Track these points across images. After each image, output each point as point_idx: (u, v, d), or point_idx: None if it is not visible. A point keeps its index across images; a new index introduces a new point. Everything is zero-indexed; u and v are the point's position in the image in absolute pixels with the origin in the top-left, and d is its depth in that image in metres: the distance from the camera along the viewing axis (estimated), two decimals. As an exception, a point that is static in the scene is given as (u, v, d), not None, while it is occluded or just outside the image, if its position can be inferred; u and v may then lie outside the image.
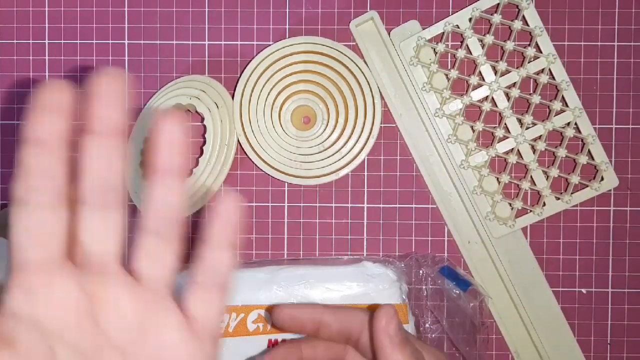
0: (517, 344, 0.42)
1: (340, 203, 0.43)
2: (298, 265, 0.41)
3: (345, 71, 0.41)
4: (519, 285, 0.42)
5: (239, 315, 0.40)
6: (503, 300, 0.42)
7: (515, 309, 0.42)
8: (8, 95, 0.44)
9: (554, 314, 0.42)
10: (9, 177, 0.44)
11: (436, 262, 0.42)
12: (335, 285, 0.40)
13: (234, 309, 0.40)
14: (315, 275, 0.40)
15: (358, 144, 0.41)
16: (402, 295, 0.39)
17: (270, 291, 0.40)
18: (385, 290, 0.39)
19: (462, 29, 0.41)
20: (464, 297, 0.40)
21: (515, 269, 0.42)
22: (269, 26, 0.43)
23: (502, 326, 0.42)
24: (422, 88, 0.42)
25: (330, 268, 0.40)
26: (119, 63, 0.44)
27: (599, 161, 0.41)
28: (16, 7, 0.44)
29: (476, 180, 0.42)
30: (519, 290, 0.42)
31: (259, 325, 0.40)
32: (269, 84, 0.41)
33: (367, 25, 0.42)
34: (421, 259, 0.42)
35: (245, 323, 0.40)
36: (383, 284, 0.39)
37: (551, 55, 0.41)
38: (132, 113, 0.44)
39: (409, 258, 0.42)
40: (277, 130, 0.41)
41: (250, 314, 0.40)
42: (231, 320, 0.40)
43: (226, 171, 0.42)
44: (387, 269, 0.40)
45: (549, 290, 0.42)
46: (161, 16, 0.43)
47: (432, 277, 0.42)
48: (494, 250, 0.42)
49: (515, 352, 0.42)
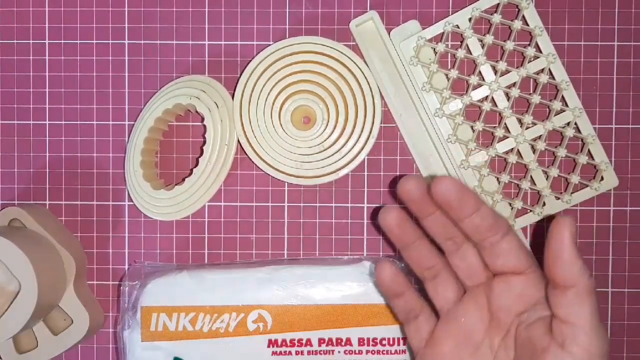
0: None
1: (340, 203, 0.43)
2: (298, 265, 0.41)
3: (345, 71, 0.41)
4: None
5: (239, 315, 0.40)
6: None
7: None
8: (8, 95, 0.44)
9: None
10: (9, 177, 0.44)
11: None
12: (336, 285, 0.40)
13: (233, 309, 0.40)
14: (315, 274, 0.40)
15: (358, 144, 0.41)
16: None
17: (270, 291, 0.40)
18: None
19: (462, 29, 0.41)
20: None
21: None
22: (269, 26, 0.43)
23: None
24: (422, 88, 0.42)
25: (330, 268, 0.40)
26: (119, 63, 0.44)
27: (599, 161, 0.41)
28: (16, 7, 0.44)
29: (476, 180, 0.42)
30: None
31: (259, 325, 0.40)
32: (269, 84, 0.41)
33: (367, 25, 0.42)
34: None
35: (245, 323, 0.40)
36: None
37: (551, 55, 0.41)
38: (132, 113, 0.44)
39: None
40: (277, 130, 0.41)
41: (250, 313, 0.40)
42: (231, 320, 0.40)
43: (226, 171, 0.42)
44: None
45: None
46: (161, 16, 0.43)
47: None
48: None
49: None
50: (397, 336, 0.40)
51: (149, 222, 0.44)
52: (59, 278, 0.41)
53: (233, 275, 0.40)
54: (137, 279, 0.42)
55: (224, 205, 0.43)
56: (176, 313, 0.40)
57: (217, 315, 0.40)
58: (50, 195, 0.44)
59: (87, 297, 0.43)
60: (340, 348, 0.40)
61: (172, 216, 0.42)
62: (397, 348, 0.40)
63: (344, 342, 0.40)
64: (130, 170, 0.42)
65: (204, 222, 0.44)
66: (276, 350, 0.40)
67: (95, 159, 0.44)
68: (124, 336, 0.41)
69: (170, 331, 0.40)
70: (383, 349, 0.40)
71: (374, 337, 0.40)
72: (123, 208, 0.44)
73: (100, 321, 0.43)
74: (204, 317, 0.40)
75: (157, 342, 0.40)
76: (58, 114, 0.44)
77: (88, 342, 0.44)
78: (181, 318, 0.40)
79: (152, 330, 0.40)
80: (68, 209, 0.44)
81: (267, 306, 0.40)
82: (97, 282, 0.44)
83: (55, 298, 0.40)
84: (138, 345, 0.40)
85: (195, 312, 0.40)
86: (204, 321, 0.40)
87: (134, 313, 0.41)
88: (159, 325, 0.40)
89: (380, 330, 0.40)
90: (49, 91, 0.44)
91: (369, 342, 0.40)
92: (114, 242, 0.44)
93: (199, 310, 0.40)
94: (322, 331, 0.40)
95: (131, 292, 0.41)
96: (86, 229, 0.44)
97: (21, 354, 0.41)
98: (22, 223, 0.41)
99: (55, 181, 0.44)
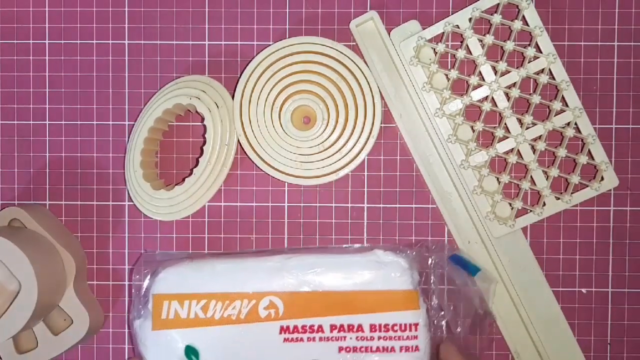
0: (517, 343, 0.42)
1: (340, 203, 0.43)
2: (309, 254, 0.41)
3: (345, 71, 0.41)
4: (519, 285, 0.42)
5: (251, 302, 0.40)
6: (503, 300, 0.42)
7: (515, 308, 0.42)
8: (8, 95, 0.44)
9: (554, 314, 0.42)
10: (9, 177, 0.44)
11: (446, 250, 0.42)
12: (347, 273, 0.40)
13: (245, 296, 0.40)
14: (326, 263, 0.40)
15: (358, 144, 0.41)
16: (413, 283, 0.40)
17: (281, 279, 0.40)
18: (397, 278, 0.40)
19: (462, 29, 0.41)
20: (473, 283, 0.40)
21: (515, 269, 0.42)
22: (269, 26, 0.43)
23: (502, 326, 0.42)
24: (422, 88, 0.42)
25: (341, 256, 0.40)
26: (119, 63, 0.44)
27: (599, 161, 0.41)
28: (16, 7, 0.44)
29: (476, 180, 0.42)
30: (519, 290, 0.42)
31: (270, 311, 0.40)
32: (269, 84, 0.41)
33: (367, 25, 0.42)
34: (431, 247, 0.42)
35: (257, 309, 0.40)
36: (394, 272, 0.40)
37: (551, 55, 0.41)
38: (132, 113, 0.44)
39: (419, 246, 0.41)
40: (277, 130, 0.41)
41: (262, 300, 0.40)
42: (243, 306, 0.40)
43: (226, 171, 0.42)
44: (398, 257, 0.40)
45: (549, 290, 0.42)
46: (161, 16, 0.43)
47: (441, 264, 0.41)
48: (494, 250, 0.42)
49: (516, 352, 0.42)
50: (408, 322, 0.40)
51: (149, 222, 0.44)
52: (59, 278, 0.41)
53: (244, 264, 0.40)
54: (148, 268, 0.41)
55: (224, 205, 0.43)
56: (188, 300, 0.40)
57: (229, 302, 0.40)
58: (50, 195, 0.44)
59: (87, 297, 0.43)
60: (351, 334, 0.40)
61: (172, 216, 0.42)
62: (409, 334, 0.40)
63: (355, 329, 0.40)
64: (130, 170, 0.42)
65: (204, 222, 0.44)
66: (288, 336, 0.40)
67: (95, 159, 0.44)
68: (135, 325, 0.41)
69: (181, 319, 0.40)
70: (394, 335, 0.40)
71: (385, 323, 0.40)
72: (123, 208, 0.44)
73: (100, 321, 0.43)
74: (215, 304, 0.40)
75: (168, 330, 0.40)
76: (58, 114, 0.44)
77: (88, 342, 0.44)
78: (193, 305, 0.40)
79: (164, 318, 0.40)
80: (68, 209, 0.44)
81: (279, 293, 0.40)
82: (97, 282, 0.44)
83: (55, 298, 0.40)
84: (149, 334, 0.40)
85: (207, 299, 0.40)
86: (216, 308, 0.40)
87: (146, 302, 0.40)
88: (170, 313, 0.40)
89: (391, 316, 0.40)
90: (49, 91, 0.44)
91: (381, 328, 0.40)
92: (114, 242, 0.44)
93: (211, 297, 0.40)
94: (333, 317, 0.40)
95: (142, 281, 0.41)
96: (86, 229, 0.44)
97: (21, 354, 0.41)
98: (22, 223, 0.41)
99: (55, 181, 0.44)
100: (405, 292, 0.40)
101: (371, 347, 0.40)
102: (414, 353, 0.40)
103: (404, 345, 0.40)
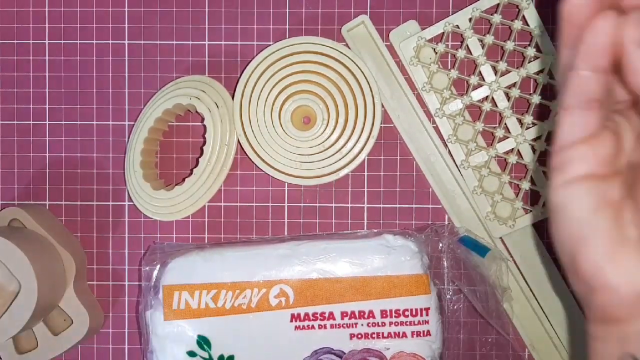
0: (533, 337, 0.42)
1: (340, 203, 0.43)
2: (318, 240, 0.41)
3: (345, 71, 0.41)
4: (531, 279, 0.42)
5: (261, 291, 0.40)
6: (515, 294, 0.42)
7: (528, 302, 0.42)
8: (8, 95, 0.44)
9: (569, 306, 0.42)
10: (9, 177, 0.44)
11: (455, 232, 0.41)
12: (357, 259, 0.40)
13: (255, 285, 0.40)
14: (336, 249, 0.40)
15: (358, 144, 0.41)
16: (423, 267, 0.40)
17: (291, 266, 0.40)
18: (407, 262, 0.39)
19: (462, 29, 0.41)
20: (484, 264, 0.40)
21: (528, 263, 0.42)
22: (269, 26, 0.43)
23: (516, 320, 0.42)
24: (422, 88, 0.42)
25: (351, 242, 0.40)
26: (119, 63, 0.44)
27: (599, 161, 0.41)
28: (16, 7, 0.44)
29: (476, 180, 0.42)
30: (532, 284, 0.42)
31: (281, 299, 0.40)
32: (269, 84, 0.41)
33: (359, 29, 0.42)
34: (440, 230, 0.41)
35: (268, 298, 0.40)
36: (404, 256, 0.39)
37: (551, 55, 0.41)
38: (132, 113, 0.44)
39: (427, 229, 0.41)
40: (277, 130, 0.41)
41: (272, 288, 0.40)
42: (253, 295, 0.40)
43: (226, 171, 0.42)
44: (407, 241, 0.40)
45: (562, 282, 0.42)
46: (161, 16, 0.43)
47: (451, 247, 0.41)
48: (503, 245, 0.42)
49: (531, 345, 0.42)
50: (419, 307, 0.40)
51: (149, 222, 0.44)
52: (59, 278, 0.41)
53: (253, 252, 0.40)
54: (157, 260, 0.41)
55: (224, 205, 0.43)
56: (198, 291, 0.40)
57: (239, 291, 0.40)
58: (50, 196, 0.44)
59: (87, 297, 0.43)
60: (363, 321, 0.40)
61: (172, 216, 0.42)
62: (420, 319, 0.40)
63: (366, 315, 0.40)
64: (130, 170, 0.42)
65: (204, 222, 0.44)
66: (299, 324, 0.40)
67: (95, 159, 0.44)
68: (146, 317, 0.40)
69: (192, 309, 0.40)
70: (406, 320, 0.40)
71: (396, 308, 0.39)
72: (123, 208, 0.44)
73: (100, 321, 0.43)
74: (226, 294, 0.40)
75: (180, 321, 0.40)
76: (58, 114, 0.44)
77: (88, 342, 0.44)
78: (203, 295, 0.40)
79: (175, 308, 0.40)
80: (68, 209, 0.44)
81: (289, 281, 0.40)
82: (97, 282, 0.44)
83: (55, 298, 0.40)
84: (160, 324, 0.40)
85: (217, 289, 0.40)
86: (226, 298, 0.40)
87: (156, 293, 0.40)
88: (181, 304, 0.40)
89: (402, 301, 0.39)
90: (49, 91, 0.44)
91: (392, 313, 0.40)
92: (114, 242, 0.44)
93: (221, 287, 0.40)
94: (344, 304, 0.40)
95: (151, 272, 0.41)
96: (86, 229, 0.44)
97: (21, 354, 0.41)
98: (22, 223, 0.41)
99: (55, 181, 0.44)
100: (415, 276, 0.39)
101: (382, 333, 0.40)
102: (426, 338, 0.39)
103: (415, 330, 0.40)
